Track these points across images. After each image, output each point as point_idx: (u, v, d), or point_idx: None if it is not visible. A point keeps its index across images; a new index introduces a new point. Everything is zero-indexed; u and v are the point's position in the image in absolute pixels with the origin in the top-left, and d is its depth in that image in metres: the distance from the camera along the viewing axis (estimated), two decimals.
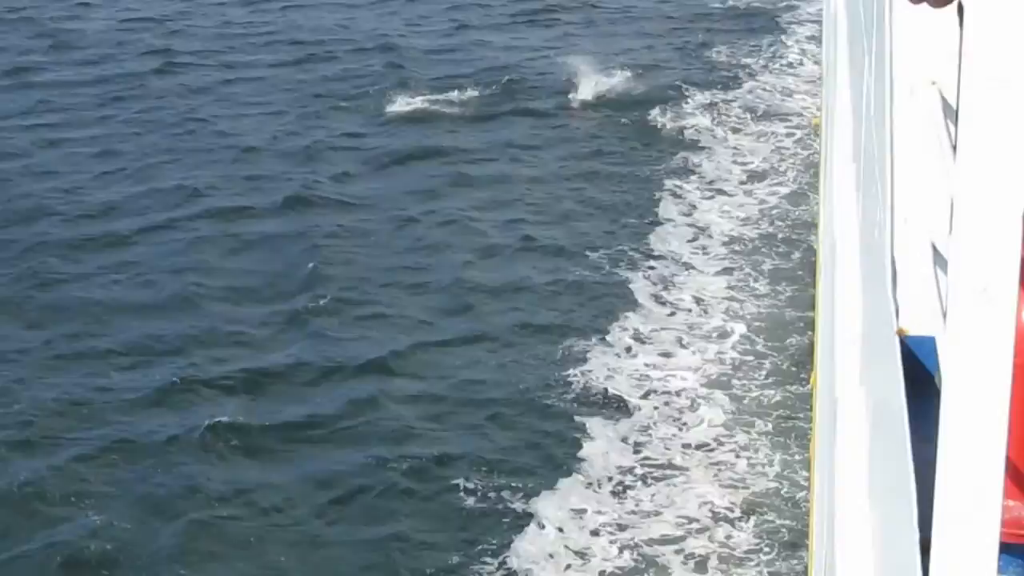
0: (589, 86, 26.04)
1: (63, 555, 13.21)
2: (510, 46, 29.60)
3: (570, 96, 25.83)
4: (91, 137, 24.49)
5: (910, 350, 5.28)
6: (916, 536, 4.06)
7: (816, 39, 28.40)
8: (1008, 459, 3.45)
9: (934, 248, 5.54)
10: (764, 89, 26.34)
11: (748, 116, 24.73)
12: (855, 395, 7.38)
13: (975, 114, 3.16)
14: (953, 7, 5.17)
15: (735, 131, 23.97)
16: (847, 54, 13.41)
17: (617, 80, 26.35)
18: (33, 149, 23.96)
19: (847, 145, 11.54)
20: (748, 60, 28.25)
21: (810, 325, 15.99)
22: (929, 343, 5.21)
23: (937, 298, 5.40)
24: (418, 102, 25.67)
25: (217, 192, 21.91)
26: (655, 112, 24.69)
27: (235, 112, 25.86)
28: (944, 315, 3.79)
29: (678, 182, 21.52)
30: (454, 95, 25.88)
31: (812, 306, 16.12)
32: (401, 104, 25.65)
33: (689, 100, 25.35)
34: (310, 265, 18.79)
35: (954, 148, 3.35)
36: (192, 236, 20.25)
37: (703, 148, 23.07)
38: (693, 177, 21.77)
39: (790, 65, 28.09)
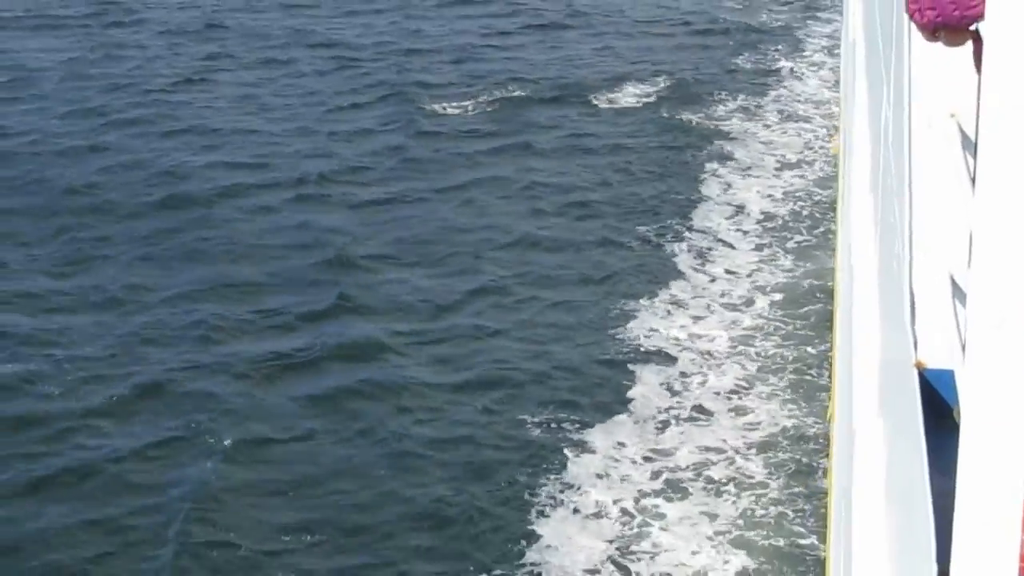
0: (630, 88, 29.23)
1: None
2: (550, 51, 33.04)
3: (612, 95, 28.78)
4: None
5: (928, 383, 5.26)
6: (934, 569, 4.04)
7: (832, 50, 31.10)
8: None
9: (953, 281, 5.52)
10: (790, 92, 29.25)
11: (777, 115, 27.59)
12: (873, 427, 7.36)
13: (993, 146, 3.16)
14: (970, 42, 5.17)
15: (766, 127, 26.84)
16: (865, 84, 13.41)
17: (654, 84, 29.44)
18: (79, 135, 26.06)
19: (865, 176, 11.54)
20: (773, 67, 31.22)
21: (826, 294, 18.49)
22: (948, 376, 5.19)
23: (956, 331, 5.38)
24: (477, 94, 28.92)
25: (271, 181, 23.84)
26: (691, 110, 27.60)
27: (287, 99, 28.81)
28: (963, 348, 3.78)
29: (716, 166, 24.53)
30: (508, 91, 29.13)
31: (828, 277, 18.73)
32: (464, 96, 28.82)
33: (721, 102, 28.38)
34: (372, 232, 21.54)
35: (972, 180, 3.34)
36: (232, 219, 22.09)
37: (736, 139, 26.02)
38: (730, 163, 24.72)
39: (813, 68, 31.29)
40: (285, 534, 13.96)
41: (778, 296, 19.08)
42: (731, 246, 20.94)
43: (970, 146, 5.74)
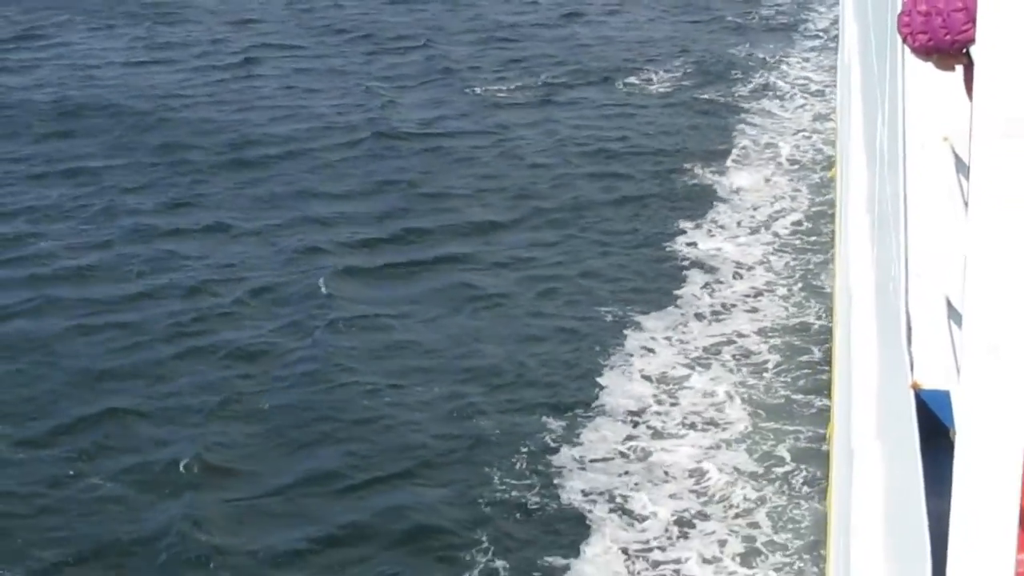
0: (651, 72, 31.99)
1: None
2: (567, 38, 36.03)
3: (635, 79, 31.62)
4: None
5: (925, 404, 5.29)
6: None
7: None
8: (1022, 513, 3.45)
9: (948, 303, 5.55)
10: (802, 76, 31.90)
11: (792, 95, 30.41)
12: (870, 448, 7.38)
13: (986, 169, 3.19)
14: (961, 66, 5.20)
15: (781, 105, 29.67)
16: (860, 106, 13.46)
17: (673, 70, 32.13)
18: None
19: (862, 197, 11.58)
20: (784, 57, 33.71)
21: (823, 255, 20.67)
22: (944, 397, 5.21)
23: (951, 352, 5.41)
24: (513, 78, 31.65)
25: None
26: (714, 89, 30.53)
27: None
28: (958, 370, 3.80)
29: (748, 122, 28.10)
30: (533, 79, 31.80)
31: (825, 249, 20.80)
32: (487, 84, 31.28)
33: (740, 84, 31.14)
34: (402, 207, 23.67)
35: (966, 203, 3.37)
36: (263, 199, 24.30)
37: (757, 113, 28.96)
38: (754, 129, 27.82)
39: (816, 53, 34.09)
40: (287, 537, 14.09)
41: (797, 216, 22.81)
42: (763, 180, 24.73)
43: (963, 169, 5.78)
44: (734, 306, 19.38)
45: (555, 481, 14.80)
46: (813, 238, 21.70)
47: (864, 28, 14.09)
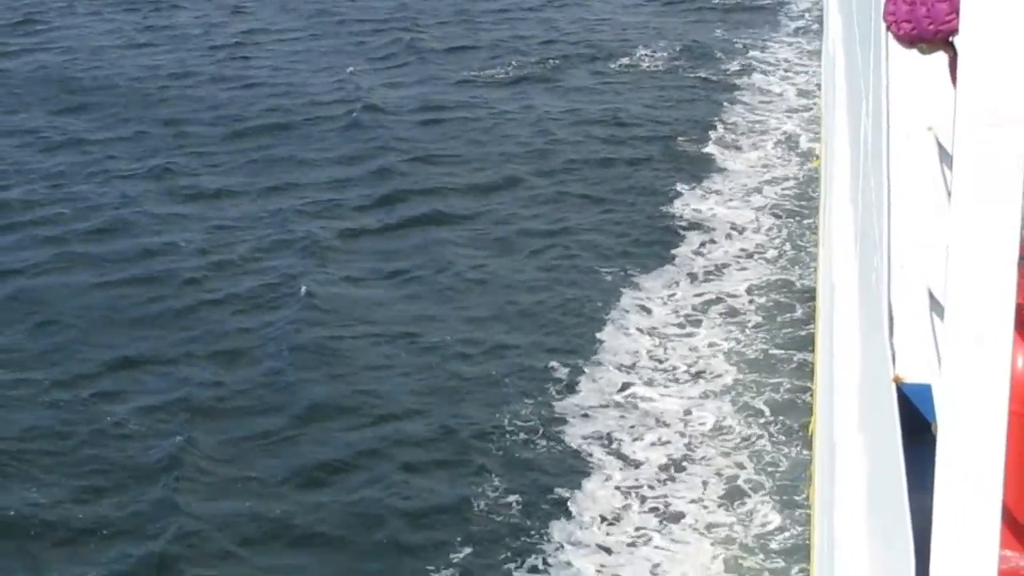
0: (638, 54, 32.59)
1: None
2: (553, 20, 36.52)
3: (626, 59, 32.29)
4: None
5: (907, 397, 5.25)
6: None
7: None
8: (1005, 508, 3.42)
9: (931, 295, 5.51)
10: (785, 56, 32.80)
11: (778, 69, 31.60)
12: (853, 442, 7.35)
13: (969, 159, 3.15)
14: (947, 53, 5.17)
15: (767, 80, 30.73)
16: (844, 96, 13.44)
17: (661, 51, 32.83)
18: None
19: (845, 189, 11.55)
20: (769, 37, 34.52)
21: (810, 219, 21.70)
22: (926, 391, 5.18)
23: (934, 345, 5.37)
24: (503, 63, 31.94)
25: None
26: (703, 69, 31.43)
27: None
28: (940, 362, 3.76)
29: (734, 96, 29.13)
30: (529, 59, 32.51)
31: (812, 214, 21.79)
32: (476, 67, 31.73)
33: (727, 62, 31.97)
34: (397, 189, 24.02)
35: (949, 194, 3.33)
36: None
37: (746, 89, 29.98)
38: (745, 96, 29.24)
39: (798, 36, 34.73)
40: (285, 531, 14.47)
41: (788, 184, 23.99)
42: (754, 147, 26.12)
43: (947, 159, 5.74)
44: (726, 266, 20.58)
45: (556, 427, 16.03)
46: (802, 202, 22.87)
47: (848, 19, 14.06)
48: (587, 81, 30.76)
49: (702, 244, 21.44)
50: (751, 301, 19.26)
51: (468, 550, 13.83)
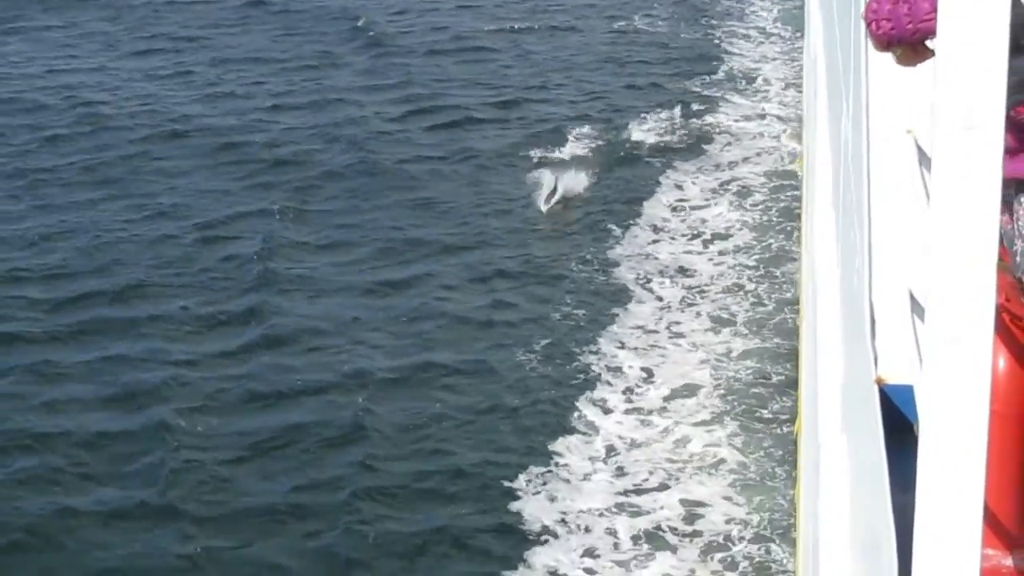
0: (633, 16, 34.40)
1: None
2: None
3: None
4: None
5: (889, 398, 5.28)
6: None
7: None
8: (986, 508, 3.44)
9: (912, 296, 5.54)
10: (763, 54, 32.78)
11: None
12: (836, 443, 7.38)
13: (947, 160, 3.17)
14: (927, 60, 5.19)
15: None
16: (825, 100, 13.48)
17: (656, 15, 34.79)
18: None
19: (826, 192, 11.59)
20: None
21: (787, 209, 22.21)
22: (908, 391, 5.21)
23: (915, 346, 5.40)
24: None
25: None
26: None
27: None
28: (922, 363, 3.79)
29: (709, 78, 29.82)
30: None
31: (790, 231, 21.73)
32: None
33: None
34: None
35: (929, 196, 3.35)
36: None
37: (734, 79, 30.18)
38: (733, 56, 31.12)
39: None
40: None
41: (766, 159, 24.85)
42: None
43: (927, 162, 5.77)
44: (707, 262, 20.73)
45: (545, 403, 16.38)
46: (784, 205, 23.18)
47: (829, 22, 14.11)
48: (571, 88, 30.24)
49: (682, 241, 21.45)
50: (733, 303, 19.23)
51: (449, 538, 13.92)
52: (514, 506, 14.25)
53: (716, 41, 33.04)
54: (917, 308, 5.38)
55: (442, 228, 21.85)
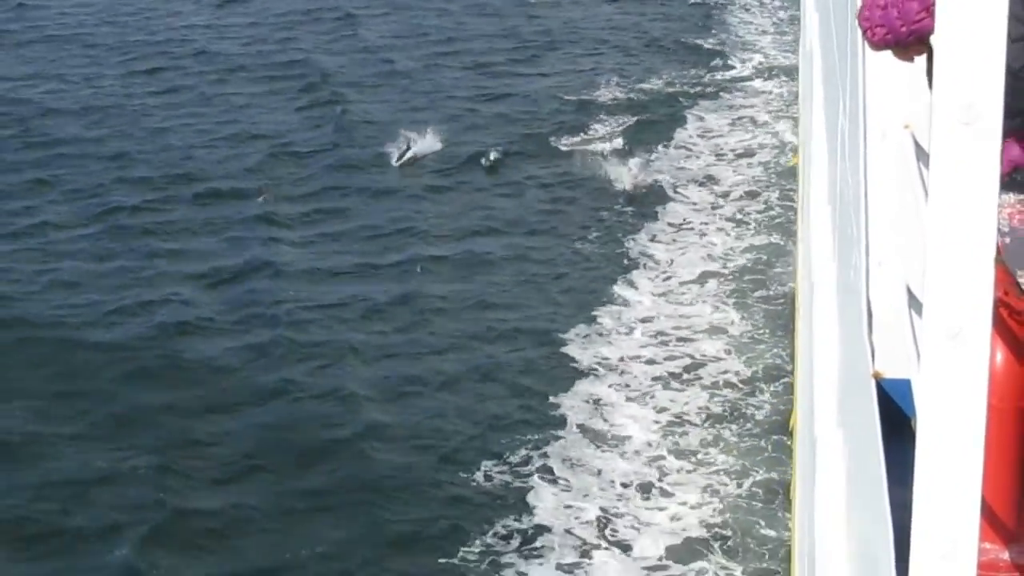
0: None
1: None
2: None
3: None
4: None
5: (886, 393, 5.28)
6: None
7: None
8: (984, 502, 3.44)
9: (909, 291, 5.54)
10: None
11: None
12: (833, 438, 7.38)
13: (945, 155, 3.17)
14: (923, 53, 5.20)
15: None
16: (822, 95, 13.47)
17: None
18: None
19: (823, 187, 11.58)
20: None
21: (783, 202, 23.52)
22: (905, 386, 5.20)
23: (913, 341, 5.40)
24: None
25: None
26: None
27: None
28: (919, 358, 3.79)
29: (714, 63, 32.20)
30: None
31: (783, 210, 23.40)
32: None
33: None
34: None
35: (926, 191, 3.35)
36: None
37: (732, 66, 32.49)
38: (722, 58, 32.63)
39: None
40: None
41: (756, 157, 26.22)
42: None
43: (924, 157, 5.77)
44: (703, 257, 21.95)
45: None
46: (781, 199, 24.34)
47: (825, 16, 14.10)
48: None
49: (675, 235, 22.55)
50: (728, 299, 20.05)
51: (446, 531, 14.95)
52: (564, 350, 18.34)
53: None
54: (914, 303, 5.38)
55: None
